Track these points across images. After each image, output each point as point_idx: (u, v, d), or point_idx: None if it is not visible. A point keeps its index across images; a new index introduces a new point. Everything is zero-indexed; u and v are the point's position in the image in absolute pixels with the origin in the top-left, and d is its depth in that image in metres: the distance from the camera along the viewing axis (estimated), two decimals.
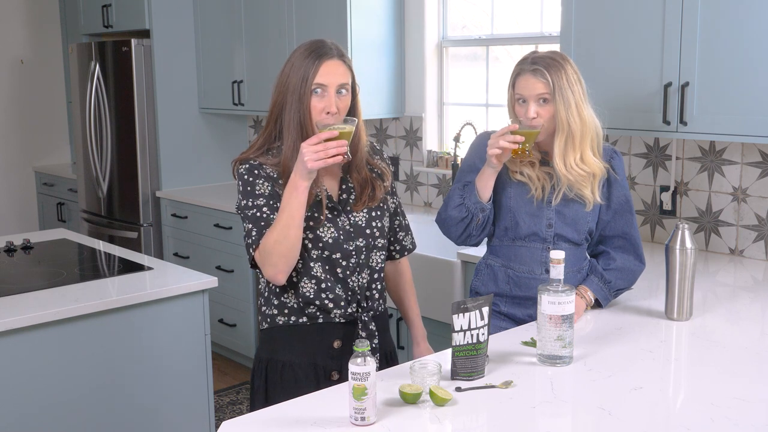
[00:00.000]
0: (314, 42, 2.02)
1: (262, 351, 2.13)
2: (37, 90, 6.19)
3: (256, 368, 2.13)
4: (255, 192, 2.00)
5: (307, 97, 1.96)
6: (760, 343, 2.18)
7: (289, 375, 2.06)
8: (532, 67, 2.21)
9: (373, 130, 4.44)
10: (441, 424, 1.66)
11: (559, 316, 1.91)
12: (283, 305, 2.07)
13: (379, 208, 2.11)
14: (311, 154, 1.83)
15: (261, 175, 2.01)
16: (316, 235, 2.01)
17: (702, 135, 2.75)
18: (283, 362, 2.07)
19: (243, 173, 2.02)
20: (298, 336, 2.06)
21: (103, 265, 3.21)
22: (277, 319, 2.08)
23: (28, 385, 2.49)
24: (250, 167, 2.02)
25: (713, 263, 2.98)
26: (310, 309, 2.05)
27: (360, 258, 2.06)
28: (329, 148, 1.83)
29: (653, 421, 1.69)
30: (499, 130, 2.18)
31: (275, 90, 2.03)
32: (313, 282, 2.02)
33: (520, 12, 3.92)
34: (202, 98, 5.01)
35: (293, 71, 1.98)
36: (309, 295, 2.03)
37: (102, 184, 5.09)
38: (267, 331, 2.11)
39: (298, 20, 4.25)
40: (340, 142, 1.84)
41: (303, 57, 1.98)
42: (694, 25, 2.69)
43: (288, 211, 1.90)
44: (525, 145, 2.17)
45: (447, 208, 2.33)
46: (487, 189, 2.26)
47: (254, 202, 2.00)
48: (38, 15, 6.14)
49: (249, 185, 2.01)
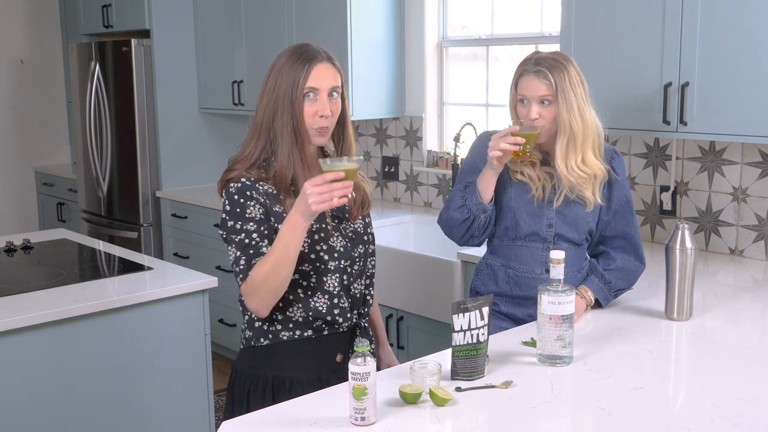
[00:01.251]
0: (300, 46, 1.95)
1: (257, 367, 2.01)
2: (37, 90, 6.19)
3: (253, 387, 2.01)
4: (245, 215, 1.90)
5: (299, 102, 1.90)
6: (760, 343, 2.19)
7: (297, 391, 1.95)
8: (536, 68, 2.20)
9: (373, 130, 4.44)
10: (441, 424, 1.66)
11: (559, 316, 1.91)
12: (288, 320, 1.98)
13: (369, 215, 2.11)
14: (315, 196, 1.73)
15: (253, 197, 1.90)
16: (330, 246, 1.96)
17: (702, 135, 2.75)
18: (291, 379, 1.99)
19: (233, 192, 1.91)
20: (303, 351, 1.99)
21: (103, 265, 3.21)
22: (281, 334, 1.99)
23: (28, 385, 2.49)
24: (243, 187, 1.91)
25: (713, 263, 2.98)
26: (318, 323, 1.99)
27: (360, 265, 2.05)
28: (334, 189, 1.73)
29: (653, 421, 1.68)
30: (499, 132, 2.18)
31: (262, 100, 1.94)
32: (326, 297, 1.97)
33: (520, 12, 3.92)
34: (202, 98, 5.01)
35: (281, 78, 1.91)
36: (322, 309, 1.97)
37: (102, 184, 5.09)
38: (267, 347, 2.00)
39: (298, 20, 4.25)
40: (345, 183, 1.74)
41: (291, 62, 1.91)
42: (694, 25, 2.69)
43: (283, 247, 1.82)
44: (526, 146, 2.17)
45: (448, 210, 2.32)
46: (488, 190, 2.26)
47: (243, 225, 1.90)
48: (38, 15, 6.14)
49: (239, 206, 1.90)
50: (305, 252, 1.94)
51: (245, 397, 2.02)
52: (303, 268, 1.96)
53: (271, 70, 1.95)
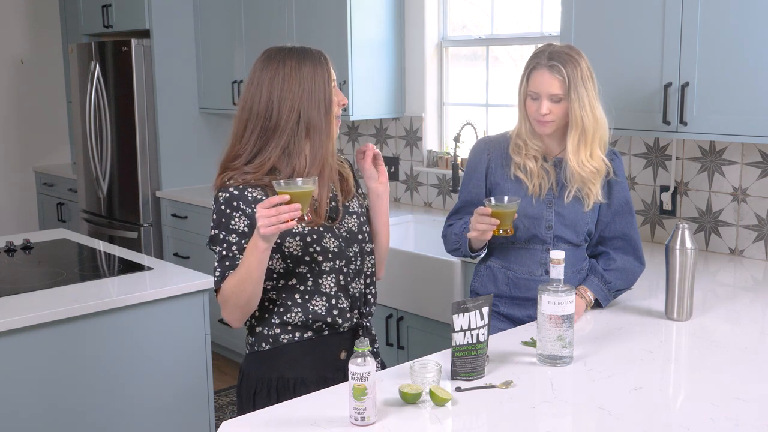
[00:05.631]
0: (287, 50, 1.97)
1: (263, 370, 2.01)
2: (37, 90, 6.19)
3: (258, 389, 2.01)
4: (229, 226, 1.92)
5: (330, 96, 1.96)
6: (760, 343, 2.18)
7: (302, 391, 1.95)
8: (549, 63, 2.20)
9: (373, 130, 4.44)
10: (441, 424, 1.66)
11: (559, 316, 1.90)
12: (286, 324, 1.99)
13: (365, 214, 2.10)
14: (263, 219, 1.74)
15: (240, 208, 1.91)
16: (323, 247, 1.96)
17: (702, 135, 2.75)
18: (295, 379, 1.99)
19: (221, 203, 1.93)
20: (306, 351, 2.00)
21: (103, 265, 3.21)
22: (281, 338, 1.99)
23: (28, 384, 2.49)
24: (230, 197, 1.92)
25: (713, 263, 2.98)
26: (318, 324, 1.99)
27: (357, 264, 2.04)
28: (281, 213, 1.73)
29: (653, 421, 1.68)
30: (477, 209, 2.19)
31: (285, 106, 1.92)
32: (324, 299, 1.98)
33: (520, 12, 3.92)
34: (202, 98, 5.01)
35: (304, 82, 1.93)
36: (321, 312, 1.98)
37: (102, 184, 5.09)
38: (270, 351, 2.00)
39: (298, 20, 4.25)
40: (292, 206, 1.74)
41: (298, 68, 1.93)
42: (694, 25, 2.69)
43: (246, 267, 1.84)
44: (503, 226, 2.17)
45: (446, 245, 2.43)
46: (479, 243, 2.33)
47: (226, 236, 1.92)
48: (38, 15, 6.14)
49: (224, 216, 1.92)
50: (299, 255, 1.95)
51: (251, 399, 2.03)
52: (299, 271, 1.96)
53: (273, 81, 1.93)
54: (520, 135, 2.31)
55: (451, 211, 2.47)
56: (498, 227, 2.16)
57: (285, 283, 1.97)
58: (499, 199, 2.21)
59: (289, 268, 1.96)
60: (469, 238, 2.30)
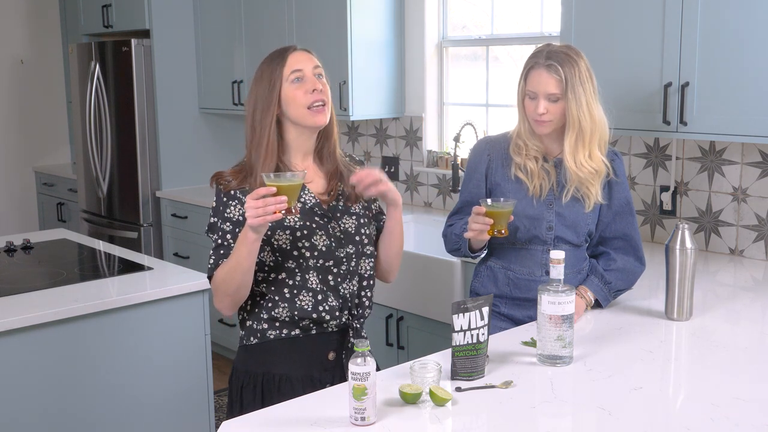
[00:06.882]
0: (273, 51, 2.02)
1: (250, 364, 2.04)
2: (37, 90, 6.19)
3: (245, 383, 2.04)
4: (225, 214, 1.97)
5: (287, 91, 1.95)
6: (760, 343, 2.18)
7: (287, 389, 1.99)
8: (547, 62, 2.20)
9: (373, 130, 4.44)
10: (441, 424, 1.66)
11: (559, 316, 1.90)
12: (273, 319, 2.00)
13: (366, 215, 2.09)
14: (251, 210, 1.76)
15: (236, 197, 1.96)
16: (312, 244, 1.98)
17: (702, 135, 2.75)
18: (280, 376, 2.01)
19: (220, 190, 1.99)
20: (293, 349, 2.01)
21: (103, 265, 3.21)
22: (268, 333, 2.01)
23: (28, 384, 2.49)
24: (229, 185, 1.99)
25: (713, 263, 2.98)
26: (304, 321, 2.00)
27: (350, 265, 2.03)
28: (268, 205, 1.75)
29: (653, 421, 1.69)
30: (473, 209, 2.19)
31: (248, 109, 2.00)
32: (310, 295, 1.98)
33: (520, 12, 3.92)
34: (202, 98, 5.01)
35: (262, 80, 1.98)
36: (307, 308, 1.98)
37: (102, 184, 5.09)
38: (257, 346, 2.03)
39: (298, 20, 4.25)
40: (278, 198, 1.76)
41: (267, 63, 1.99)
42: (694, 25, 2.69)
43: (237, 257, 1.87)
44: (497, 225, 2.16)
45: (446, 245, 2.43)
46: (479, 244, 2.34)
47: (221, 224, 1.97)
48: (38, 15, 6.14)
49: (222, 204, 1.98)
50: (287, 249, 1.97)
51: (239, 393, 2.06)
52: (288, 265, 1.98)
53: (252, 83, 2.01)
54: (521, 135, 2.31)
55: (451, 211, 2.47)
56: (492, 227, 2.16)
57: (275, 277, 1.99)
58: (495, 200, 2.21)
59: (279, 262, 1.98)
60: (469, 239, 2.30)
